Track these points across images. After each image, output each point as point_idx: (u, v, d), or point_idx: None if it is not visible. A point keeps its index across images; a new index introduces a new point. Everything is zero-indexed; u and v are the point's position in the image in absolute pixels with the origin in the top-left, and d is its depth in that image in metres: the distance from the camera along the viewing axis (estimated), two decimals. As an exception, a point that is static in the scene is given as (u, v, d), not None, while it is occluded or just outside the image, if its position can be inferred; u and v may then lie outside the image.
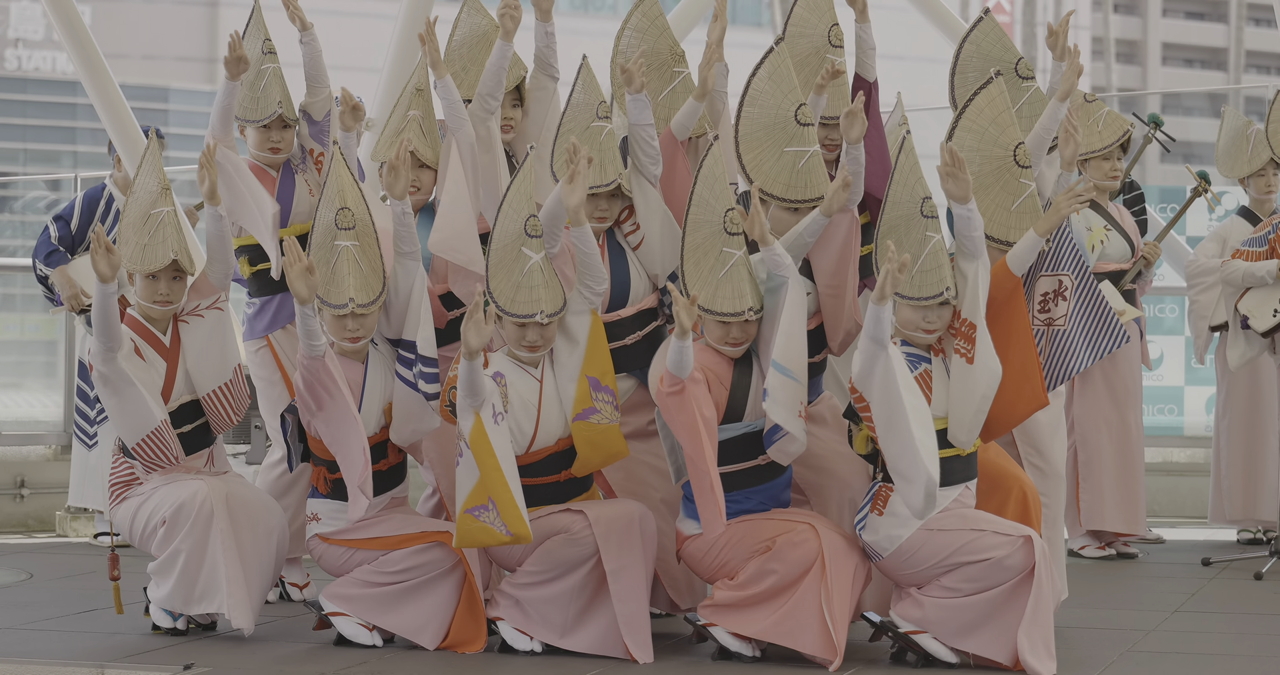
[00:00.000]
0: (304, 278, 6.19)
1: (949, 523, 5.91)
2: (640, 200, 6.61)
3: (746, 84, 6.43)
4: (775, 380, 5.96)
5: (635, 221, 6.64)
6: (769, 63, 6.44)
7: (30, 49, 44.39)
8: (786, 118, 6.37)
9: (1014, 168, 6.22)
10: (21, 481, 10.02)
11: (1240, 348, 8.64)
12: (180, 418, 6.61)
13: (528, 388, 6.24)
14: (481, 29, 7.11)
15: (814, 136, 6.38)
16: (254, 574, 6.47)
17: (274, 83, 7.13)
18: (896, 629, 5.96)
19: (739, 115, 6.42)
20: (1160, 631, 6.69)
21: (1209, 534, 9.39)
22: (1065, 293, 6.37)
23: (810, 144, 6.35)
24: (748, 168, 6.37)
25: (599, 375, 6.23)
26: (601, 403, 6.22)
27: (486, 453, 5.97)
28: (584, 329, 6.27)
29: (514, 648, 6.20)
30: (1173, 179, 23.19)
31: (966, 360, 5.94)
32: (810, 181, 6.34)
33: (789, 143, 6.36)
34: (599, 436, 6.21)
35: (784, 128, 6.37)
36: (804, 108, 6.37)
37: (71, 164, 39.53)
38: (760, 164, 6.36)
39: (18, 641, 6.48)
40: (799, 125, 6.36)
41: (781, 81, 6.41)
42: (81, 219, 8.98)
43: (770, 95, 6.40)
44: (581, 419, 6.20)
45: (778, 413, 5.94)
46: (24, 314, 14.06)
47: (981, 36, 6.83)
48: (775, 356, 5.98)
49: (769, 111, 6.39)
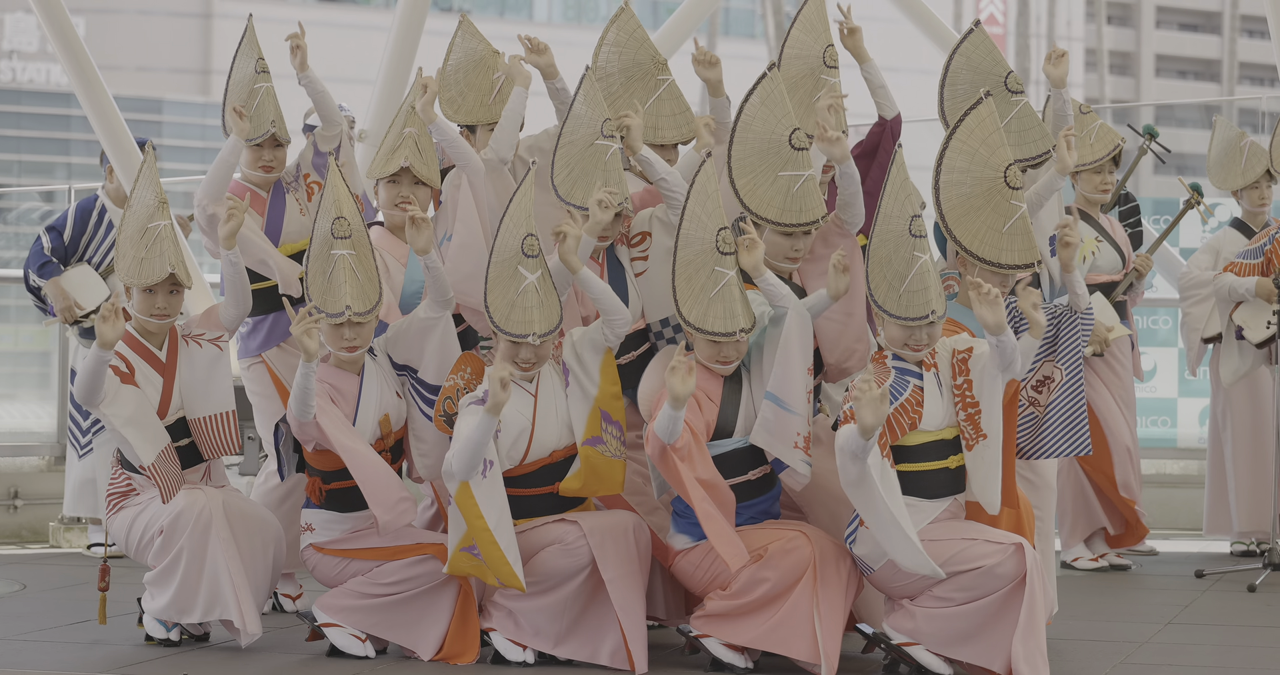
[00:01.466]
0: (312, 335, 6.19)
1: (940, 533, 5.91)
2: (658, 238, 6.58)
3: (739, 109, 6.41)
4: (768, 411, 5.99)
5: (646, 252, 6.62)
6: (762, 88, 6.41)
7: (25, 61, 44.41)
8: (780, 142, 6.35)
9: (1005, 189, 6.18)
10: (15, 492, 10.01)
11: (1234, 363, 8.65)
12: (177, 431, 6.59)
13: (522, 402, 6.24)
14: (478, 54, 7.09)
15: (808, 160, 6.35)
16: (254, 582, 6.46)
17: (267, 101, 7.15)
18: (889, 641, 5.96)
19: (732, 140, 6.40)
20: (1153, 644, 6.69)
21: (1202, 546, 9.39)
22: (1052, 386, 6.42)
23: (804, 168, 6.34)
24: (741, 193, 6.34)
25: (611, 411, 6.27)
26: (610, 436, 6.25)
27: (473, 514, 6.02)
28: (596, 365, 6.30)
29: (507, 659, 6.20)
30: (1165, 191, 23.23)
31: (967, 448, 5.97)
32: (805, 206, 6.33)
33: (783, 167, 6.35)
34: (603, 466, 6.24)
35: (778, 152, 6.35)
36: (798, 132, 6.34)
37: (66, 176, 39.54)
38: (754, 189, 6.34)
39: (11, 652, 6.48)
40: (793, 149, 6.34)
41: (775, 106, 6.38)
42: (74, 230, 8.98)
43: (763, 120, 6.38)
44: (590, 445, 6.22)
45: (762, 439, 6.03)
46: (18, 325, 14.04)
47: (971, 48, 6.82)
48: (770, 388, 6.00)
49: (762, 136, 6.37)
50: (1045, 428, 6.44)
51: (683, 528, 6.13)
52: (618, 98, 6.88)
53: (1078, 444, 6.45)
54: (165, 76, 45.48)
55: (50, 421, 10.43)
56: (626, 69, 6.91)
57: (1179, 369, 10.68)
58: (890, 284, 5.96)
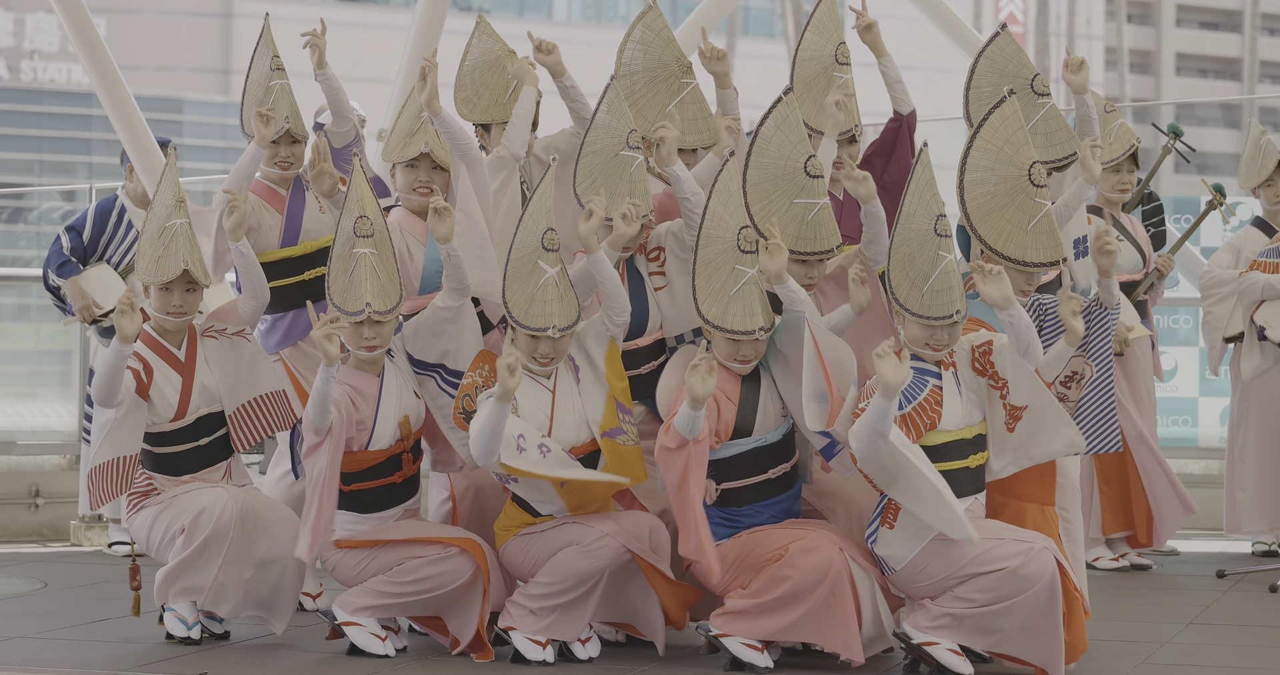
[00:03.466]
0: (333, 339, 6.18)
1: (963, 533, 5.91)
2: (674, 253, 6.58)
3: (755, 132, 6.39)
4: (813, 408, 5.97)
5: (664, 268, 6.60)
6: (778, 112, 6.38)
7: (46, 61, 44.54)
8: (796, 169, 6.33)
9: (1029, 187, 6.18)
10: (36, 491, 10.04)
11: (1255, 360, 8.63)
12: (198, 430, 6.63)
13: (540, 398, 6.24)
14: (494, 54, 7.08)
15: (823, 189, 6.34)
16: (282, 580, 6.50)
17: (282, 98, 7.17)
18: (910, 640, 5.95)
19: (746, 164, 6.37)
20: (1175, 644, 6.68)
21: (1224, 546, 9.37)
22: (1082, 382, 6.40)
23: (819, 196, 6.32)
24: (756, 218, 6.31)
25: (623, 399, 6.28)
26: (627, 425, 6.26)
27: (533, 474, 6.06)
28: (601, 357, 6.31)
29: (526, 658, 6.20)
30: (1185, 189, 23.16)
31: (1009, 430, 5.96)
32: (819, 234, 6.32)
33: (798, 194, 6.34)
34: (627, 455, 6.24)
35: (793, 179, 6.34)
36: (813, 159, 6.32)
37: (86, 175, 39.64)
38: (769, 215, 6.33)
39: (32, 650, 6.50)
40: (808, 177, 6.32)
41: (790, 131, 6.36)
42: (94, 229, 9.00)
43: (779, 145, 6.36)
44: (609, 437, 6.23)
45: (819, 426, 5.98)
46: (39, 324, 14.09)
47: (998, 51, 6.80)
48: (806, 392, 5.98)
49: (777, 161, 6.35)
50: (1078, 422, 6.41)
51: (702, 529, 6.13)
52: (641, 97, 6.87)
53: (1108, 441, 6.42)
54: (186, 76, 45.59)
55: (71, 420, 10.47)
56: (651, 68, 6.90)
57: (1200, 368, 10.66)
58: (914, 282, 5.94)
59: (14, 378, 14.52)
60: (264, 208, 7.23)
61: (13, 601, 7.70)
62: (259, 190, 7.26)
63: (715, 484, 6.11)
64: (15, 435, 10.67)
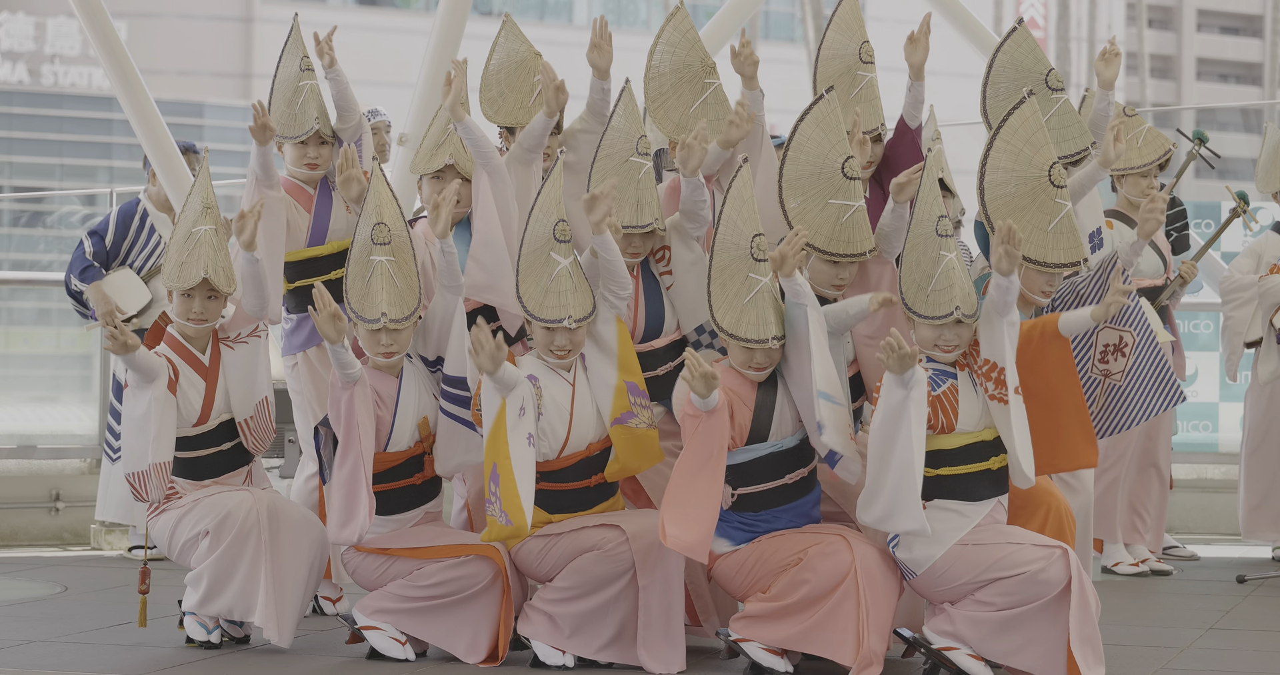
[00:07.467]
0: (332, 323, 6.23)
1: (983, 537, 5.90)
2: (677, 250, 6.59)
3: (794, 128, 6.40)
4: (825, 409, 5.97)
5: (669, 266, 6.61)
6: (818, 109, 6.40)
7: (66, 65, 44.61)
8: (833, 169, 6.35)
9: (1049, 188, 6.19)
10: (56, 495, 10.06)
11: (1273, 364, 8.61)
12: (220, 435, 6.65)
13: (560, 391, 6.25)
14: (520, 56, 7.07)
15: (859, 191, 6.35)
16: (293, 588, 6.49)
17: (311, 99, 7.18)
18: (929, 645, 5.95)
19: (784, 160, 6.38)
20: (1195, 649, 6.67)
21: (1244, 551, 9.35)
22: (1125, 349, 6.38)
23: (855, 198, 6.33)
24: (790, 215, 6.33)
25: (635, 380, 6.26)
26: (639, 407, 6.25)
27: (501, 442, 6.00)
28: (613, 336, 6.29)
29: (546, 663, 6.20)
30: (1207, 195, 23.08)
31: (1001, 402, 5.93)
32: (853, 237, 6.33)
33: (834, 195, 6.34)
34: (640, 439, 6.24)
35: (830, 179, 6.35)
36: (851, 160, 6.33)
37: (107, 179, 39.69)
38: (804, 213, 6.34)
39: (52, 654, 6.51)
40: (845, 178, 6.33)
41: (830, 130, 6.38)
42: (116, 234, 9.02)
43: (817, 143, 6.37)
44: (620, 423, 6.22)
45: (835, 440, 5.98)
46: (60, 328, 14.12)
47: (1014, 47, 6.84)
48: (818, 387, 5.98)
49: (815, 159, 6.36)
50: (1131, 390, 6.37)
51: (723, 532, 6.11)
52: (667, 98, 6.89)
53: (1170, 394, 6.37)
54: (207, 80, 45.64)
55: (91, 424, 10.49)
56: (677, 69, 6.91)
57: (1220, 373, 10.63)
58: (919, 284, 5.99)
59: (34, 382, 14.55)
60: (293, 207, 7.24)
61: (33, 605, 7.71)
62: (289, 188, 7.28)
63: (732, 489, 6.10)
64: (36, 439, 10.71)
